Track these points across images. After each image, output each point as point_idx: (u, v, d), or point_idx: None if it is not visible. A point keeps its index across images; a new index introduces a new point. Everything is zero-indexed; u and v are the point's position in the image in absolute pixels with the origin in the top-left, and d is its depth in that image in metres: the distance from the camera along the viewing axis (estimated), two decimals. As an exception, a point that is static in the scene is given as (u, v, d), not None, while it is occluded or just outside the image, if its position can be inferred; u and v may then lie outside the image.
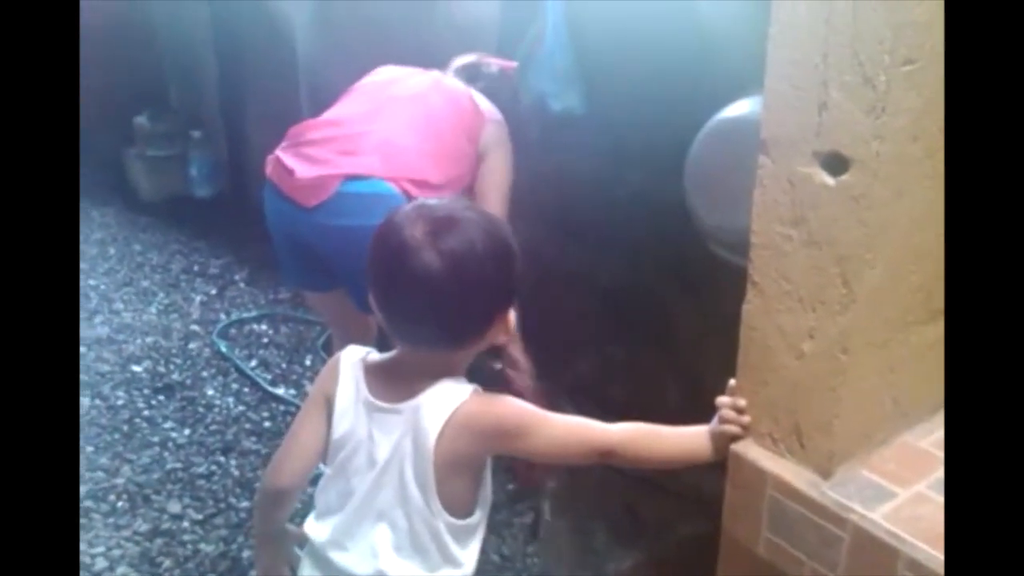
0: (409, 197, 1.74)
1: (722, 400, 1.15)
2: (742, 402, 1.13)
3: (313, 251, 1.89)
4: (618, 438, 1.12)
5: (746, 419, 1.13)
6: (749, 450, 1.13)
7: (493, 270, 1.07)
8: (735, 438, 1.14)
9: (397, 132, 1.86)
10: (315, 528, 1.18)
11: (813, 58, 0.97)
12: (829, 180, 0.99)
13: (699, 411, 1.19)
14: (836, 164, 0.98)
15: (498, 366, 1.46)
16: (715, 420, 1.16)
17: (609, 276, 2.21)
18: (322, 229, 1.82)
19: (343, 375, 1.16)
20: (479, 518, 1.15)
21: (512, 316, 1.12)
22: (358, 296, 1.92)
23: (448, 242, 1.04)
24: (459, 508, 1.11)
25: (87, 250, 3.45)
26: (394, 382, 1.13)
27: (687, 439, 1.15)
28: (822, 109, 0.98)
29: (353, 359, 1.17)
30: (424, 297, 1.05)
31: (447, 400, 1.09)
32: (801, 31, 0.98)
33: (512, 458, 1.21)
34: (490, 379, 1.20)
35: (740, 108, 1.53)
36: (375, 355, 1.18)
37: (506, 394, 1.14)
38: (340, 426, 1.14)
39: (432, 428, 1.07)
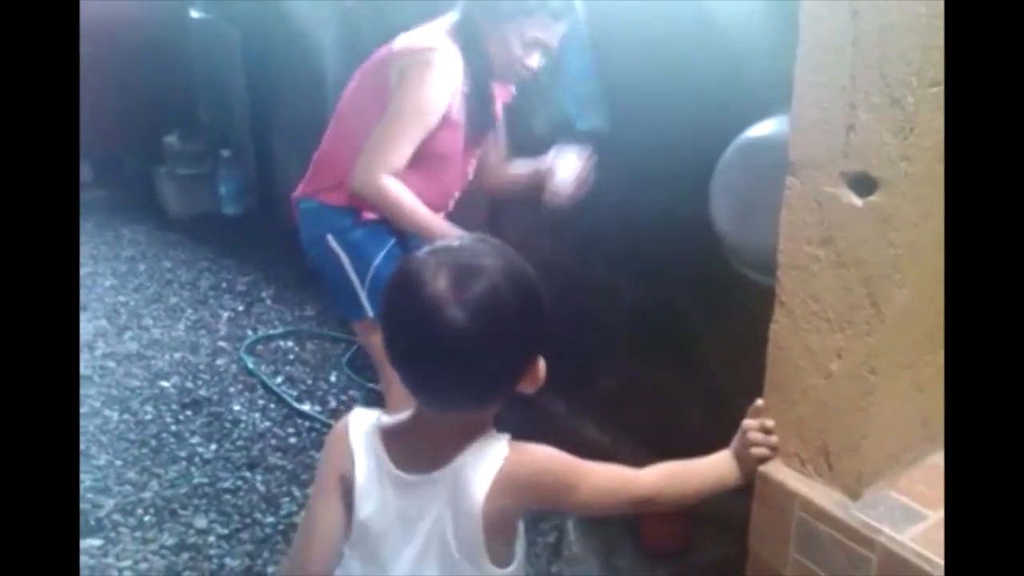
0: (327, 206, 1.89)
1: (749, 423, 1.14)
2: (770, 423, 1.13)
3: None
4: (654, 486, 1.09)
5: (774, 440, 1.13)
6: (777, 471, 1.13)
7: (522, 318, 0.99)
8: (763, 460, 1.14)
9: (321, 144, 1.99)
10: None
11: (841, 80, 0.98)
12: (857, 201, 1.00)
13: (723, 432, 1.18)
14: (864, 185, 0.99)
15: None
16: (736, 441, 1.15)
17: (633, 295, 2.21)
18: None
19: (357, 449, 1.05)
20: (518, 562, 1.09)
21: (542, 364, 1.04)
22: (335, 307, 2.00)
23: (472, 294, 0.94)
24: (501, 561, 1.05)
25: (117, 267, 3.51)
26: (420, 447, 1.03)
27: (716, 468, 1.13)
28: (850, 130, 0.98)
29: (364, 427, 1.06)
30: (451, 358, 0.96)
31: (488, 460, 1.00)
32: (829, 53, 0.98)
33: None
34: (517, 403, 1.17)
35: (766, 127, 1.53)
36: (387, 418, 1.07)
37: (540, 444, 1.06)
38: (364, 507, 1.04)
39: (478, 493, 0.99)
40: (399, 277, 1.00)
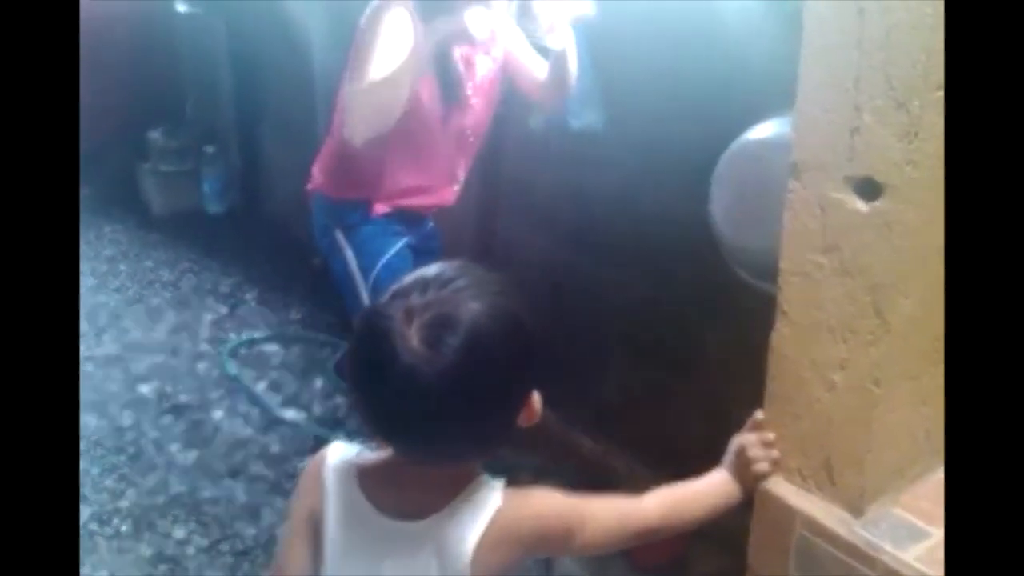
0: (338, 199, 1.92)
1: (748, 438, 1.12)
2: (770, 436, 1.12)
3: None
4: (657, 516, 1.06)
5: (775, 454, 1.12)
6: (777, 486, 1.12)
7: (510, 363, 0.92)
8: (763, 476, 1.12)
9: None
10: None
11: (845, 82, 0.97)
12: (862, 206, 0.99)
13: (723, 440, 1.17)
14: (869, 189, 0.98)
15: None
16: (733, 457, 1.13)
17: (631, 299, 2.20)
18: None
19: (331, 487, 0.98)
20: None
21: (536, 397, 0.97)
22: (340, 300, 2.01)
23: (450, 351, 0.86)
24: None
25: (98, 266, 3.48)
26: (404, 490, 0.96)
27: (716, 490, 1.11)
28: (854, 133, 0.98)
29: (339, 464, 0.99)
30: (432, 421, 0.89)
31: (478, 511, 0.94)
32: (833, 54, 0.98)
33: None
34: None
35: (767, 129, 1.53)
36: (369, 454, 0.99)
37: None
38: (335, 554, 0.97)
39: (465, 548, 0.93)
40: (366, 335, 0.91)
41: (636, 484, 1.10)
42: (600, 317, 2.25)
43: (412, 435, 0.93)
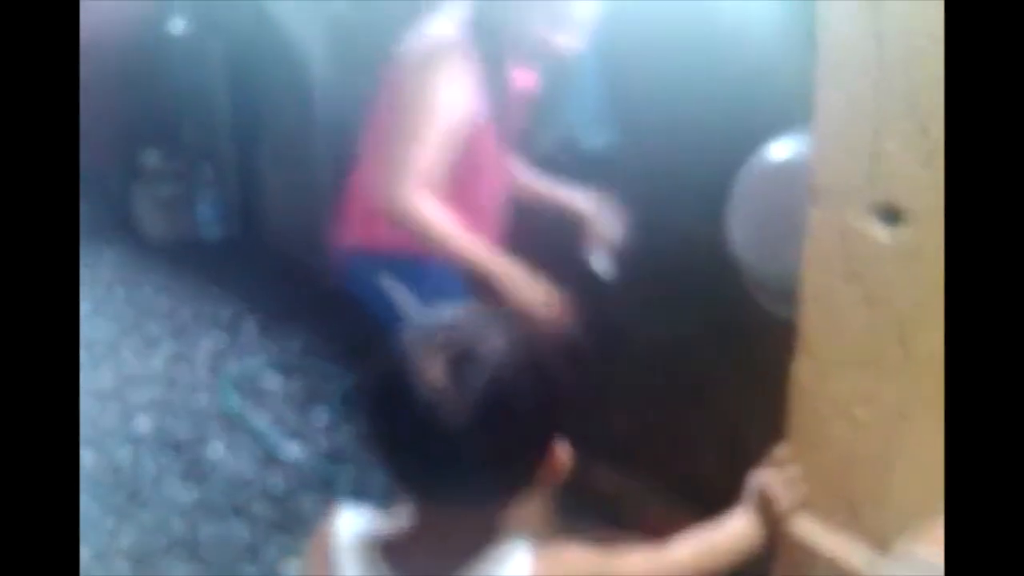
0: (370, 248, 1.83)
1: (770, 476, 1.12)
2: (792, 472, 1.11)
3: None
4: (689, 568, 1.06)
5: (798, 491, 1.10)
6: (798, 525, 1.11)
7: (531, 400, 0.91)
8: (786, 515, 1.11)
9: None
10: None
11: (864, 107, 0.97)
12: (883, 233, 0.99)
13: (740, 475, 1.17)
14: (891, 216, 0.98)
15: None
16: (755, 496, 1.12)
17: (645, 327, 2.19)
18: None
19: (346, 564, 0.97)
20: None
21: (563, 450, 0.97)
22: None
23: (472, 385, 0.87)
24: None
25: (94, 293, 3.48)
26: (427, 554, 0.96)
27: (742, 532, 1.10)
28: (875, 159, 0.97)
29: (356, 541, 0.98)
30: (452, 459, 0.89)
31: (508, 573, 0.95)
32: (850, 79, 0.98)
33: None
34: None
35: (785, 148, 1.53)
36: (381, 524, 0.99)
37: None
38: None
39: None
40: (385, 372, 0.92)
41: (653, 518, 1.09)
42: (614, 348, 2.24)
43: (431, 474, 0.92)
